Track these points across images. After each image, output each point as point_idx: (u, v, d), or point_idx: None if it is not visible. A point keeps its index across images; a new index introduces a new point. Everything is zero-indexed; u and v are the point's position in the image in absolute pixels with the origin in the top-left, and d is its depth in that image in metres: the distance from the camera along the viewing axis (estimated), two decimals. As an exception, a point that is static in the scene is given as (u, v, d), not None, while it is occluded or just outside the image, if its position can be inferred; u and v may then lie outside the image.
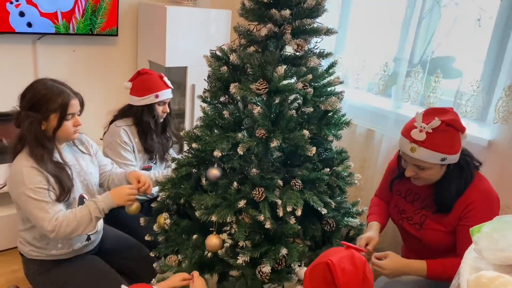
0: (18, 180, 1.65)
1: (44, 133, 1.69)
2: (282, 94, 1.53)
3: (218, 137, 1.60)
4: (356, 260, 1.09)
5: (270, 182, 1.55)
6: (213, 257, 1.61)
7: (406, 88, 2.25)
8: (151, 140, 2.30)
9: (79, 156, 1.89)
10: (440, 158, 1.53)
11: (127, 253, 2.05)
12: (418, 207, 1.71)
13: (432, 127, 1.50)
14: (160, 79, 2.29)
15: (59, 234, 1.67)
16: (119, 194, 1.76)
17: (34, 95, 1.67)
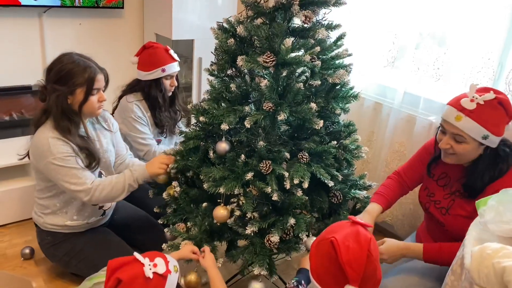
0: (44, 151, 1.67)
1: (70, 107, 1.71)
2: (290, 66, 1.52)
3: (225, 111, 1.60)
4: (361, 237, 1.07)
5: (277, 155, 1.56)
6: (222, 226, 1.64)
7: (415, 60, 2.21)
8: (160, 114, 2.30)
9: (101, 132, 1.91)
10: (482, 135, 1.45)
11: (137, 226, 2.09)
12: (448, 191, 1.66)
13: (485, 99, 1.43)
14: (166, 52, 2.26)
15: (93, 198, 1.71)
16: (152, 163, 1.80)
17: (61, 68, 1.68)
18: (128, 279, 1.11)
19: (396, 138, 2.35)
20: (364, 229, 1.11)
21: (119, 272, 1.12)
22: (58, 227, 1.87)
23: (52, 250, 1.91)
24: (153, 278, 1.13)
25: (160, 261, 1.17)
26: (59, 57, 1.73)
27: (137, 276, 1.12)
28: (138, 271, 1.13)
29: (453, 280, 1.10)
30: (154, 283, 1.13)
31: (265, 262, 1.53)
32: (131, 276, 1.11)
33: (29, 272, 2.03)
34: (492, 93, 1.44)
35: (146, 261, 1.15)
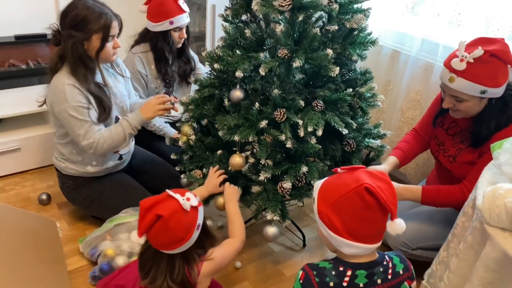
0: (61, 97, 1.70)
1: (86, 53, 1.73)
2: (306, 11, 1.48)
3: (240, 58, 1.59)
4: (377, 174, 1.05)
5: (291, 103, 1.56)
6: (237, 173, 1.68)
7: (435, 5, 2.13)
8: (165, 67, 2.26)
9: (114, 78, 1.93)
10: (479, 91, 1.45)
11: (154, 171, 2.15)
12: (458, 140, 1.68)
13: (474, 56, 1.41)
14: (174, 2, 2.15)
15: (97, 151, 1.78)
16: (146, 108, 1.83)
17: (77, 14, 1.68)
18: (169, 214, 1.18)
19: (413, 86, 2.31)
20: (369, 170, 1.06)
21: (155, 208, 1.19)
22: (78, 173, 1.93)
23: (73, 194, 1.99)
24: (190, 211, 1.21)
25: (191, 195, 1.25)
26: (73, 2, 1.71)
27: (177, 210, 1.20)
28: (176, 205, 1.20)
29: (464, 221, 1.13)
30: (191, 215, 1.22)
31: (278, 208, 1.58)
32: (171, 211, 1.19)
33: (53, 215, 2.12)
34: (480, 49, 1.41)
35: (178, 196, 1.23)
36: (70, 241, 1.95)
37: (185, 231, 1.21)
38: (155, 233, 1.19)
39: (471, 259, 1.03)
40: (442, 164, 1.74)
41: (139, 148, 2.20)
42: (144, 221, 1.19)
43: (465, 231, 1.10)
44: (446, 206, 1.70)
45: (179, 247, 1.22)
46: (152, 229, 1.19)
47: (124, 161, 2.06)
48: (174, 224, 1.19)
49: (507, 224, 0.94)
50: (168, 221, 1.18)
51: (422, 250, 1.72)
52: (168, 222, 1.18)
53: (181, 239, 1.20)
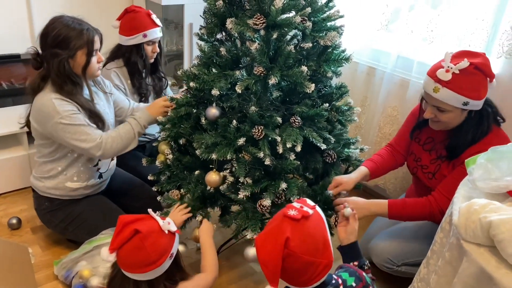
0: (50, 112, 1.67)
1: (72, 70, 1.71)
2: (280, 29, 1.49)
3: (216, 76, 1.58)
4: (279, 235, 1.02)
5: (269, 120, 1.56)
6: (215, 192, 1.65)
7: (408, 23, 2.18)
8: (139, 82, 2.26)
9: (97, 96, 1.90)
10: (462, 102, 1.46)
11: (133, 192, 2.11)
12: (434, 156, 1.68)
13: (460, 68, 1.43)
14: (147, 16, 2.18)
15: (106, 152, 1.74)
16: (154, 107, 1.84)
17: (58, 33, 1.66)
18: (147, 231, 1.17)
19: (389, 102, 2.35)
20: (292, 222, 1.04)
21: (135, 224, 1.17)
22: (57, 192, 1.87)
23: (49, 216, 1.93)
24: (168, 234, 1.21)
25: (171, 221, 1.24)
26: (52, 22, 1.70)
27: (155, 230, 1.19)
28: (156, 226, 1.20)
29: (442, 237, 1.12)
30: (167, 239, 1.21)
31: (258, 227, 1.55)
32: (150, 229, 1.18)
33: (26, 240, 2.05)
34: (466, 61, 1.43)
35: (159, 218, 1.22)
36: (44, 266, 1.89)
37: (159, 254, 1.17)
38: (128, 250, 1.16)
39: (449, 276, 1.03)
40: (421, 180, 1.74)
41: (117, 169, 2.16)
42: (119, 236, 1.16)
43: (443, 247, 1.09)
44: (414, 219, 1.68)
45: (148, 272, 1.17)
46: (127, 245, 1.15)
47: (104, 181, 2.02)
48: (150, 244, 1.16)
49: (482, 239, 0.94)
50: (145, 238, 1.15)
51: (407, 266, 1.71)
52: (144, 239, 1.15)
53: (152, 262, 1.16)
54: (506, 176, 1.01)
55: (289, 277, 1.06)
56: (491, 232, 0.91)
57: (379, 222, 1.99)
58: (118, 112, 2.03)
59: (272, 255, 1.01)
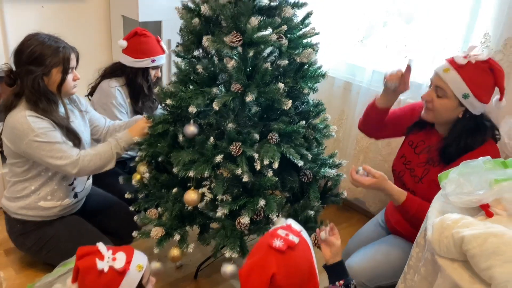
0: (25, 129, 1.63)
1: (47, 87, 1.68)
2: (257, 46, 1.50)
3: (193, 93, 1.58)
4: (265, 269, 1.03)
5: (247, 137, 1.56)
6: (193, 210, 1.64)
7: (383, 38, 2.22)
8: (142, 103, 2.29)
9: (72, 114, 1.87)
10: (463, 93, 1.48)
11: (109, 212, 2.07)
12: (423, 159, 1.69)
13: (478, 58, 1.47)
14: (157, 43, 2.25)
15: (82, 170, 1.70)
16: (135, 129, 1.81)
17: (33, 50, 1.64)
18: (83, 269, 1.11)
19: (366, 116, 2.37)
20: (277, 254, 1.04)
21: (81, 260, 1.13)
22: (29, 213, 1.82)
23: (22, 239, 1.87)
24: (108, 272, 1.11)
25: (121, 256, 1.14)
26: (27, 39, 1.68)
27: (91, 267, 1.11)
28: (93, 263, 1.11)
29: (417, 252, 1.13)
30: (108, 277, 1.11)
31: (236, 245, 1.54)
32: (86, 267, 1.11)
33: (-1, 263, 1.99)
34: (486, 55, 1.47)
35: (107, 253, 1.14)
36: (17, 290, 1.83)
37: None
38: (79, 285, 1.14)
39: (425, 291, 1.03)
40: (406, 184, 1.74)
41: (93, 188, 2.12)
42: (73, 270, 1.14)
43: (419, 262, 1.10)
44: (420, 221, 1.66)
45: None
46: (77, 280, 1.14)
47: (79, 201, 1.97)
48: (89, 281, 1.12)
49: (455, 254, 0.95)
50: (83, 277, 1.12)
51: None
52: (83, 278, 1.12)
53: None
54: (477, 190, 1.03)
55: None
56: (463, 247, 0.92)
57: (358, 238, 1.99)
58: (93, 131, 2.00)
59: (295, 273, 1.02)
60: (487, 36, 1.87)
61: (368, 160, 2.40)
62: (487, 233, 0.90)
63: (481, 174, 1.06)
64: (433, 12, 2.04)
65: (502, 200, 1.04)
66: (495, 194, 1.03)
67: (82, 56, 1.83)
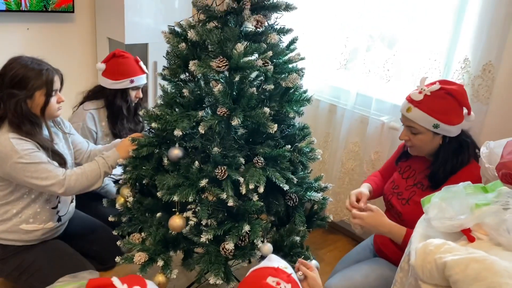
0: (8, 151, 1.61)
1: (30, 110, 1.67)
2: (243, 71, 1.52)
3: (178, 116, 1.58)
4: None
5: (232, 161, 1.56)
6: (177, 235, 1.62)
7: (366, 62, 2.27)
8: (121, 125, 2.27)
9: (55, 136, 1.85)
10: (432, 124, 1.53)
11: (92, 236, 2.04)
12: (410, 183, 1.72)
13: (431, 90, 1.52)
14: (136, 63, 2.25)
15: (68, 190, 1.68)
16: (122, 147, 1.78)
17: (15, 74, 1.63)
18: None
19: (351, 138, 2.41)
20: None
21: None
22: (10, 237, 1.78)
23: (1, 265, 1.82)
24: None
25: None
26: (9, 62, 1.68)
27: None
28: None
29: (401, 277, 1.14)
30: None
31: (221, 271, 1.53)
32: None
33: (-24, 290, 1.92)
34: (437, 84, 1.53)
35: (123, 286, 1.09)
36: (-5, 319, 1.77)
37: None
38: None
39: (410, 316, 1.03)
40: (394, 207, 1.77)
41: (76, 211, 2.09)
42: None
43: (403, 287, 1.11)
44: None
45: None
46: None
47: (62, 225, 1.94)
48: None
49: (438, 280, 0.96)
50: None
51: None
52: None
53: None
54: (459, 215, 1.05)
55: None
56: (446, 272, 0.93)
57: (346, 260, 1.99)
58: (76, 154, 1.98)
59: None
60: (467, 61, 1.92)
61: (354, 182, 2.42)
62: (468, 259, 0.91)
63: (462, 199, 1.07)
64: (415, 38, 2.09)
65: (483, 225, 1.05)
66: (476, 219, 1.05)
67: (67, 78, 1.82)
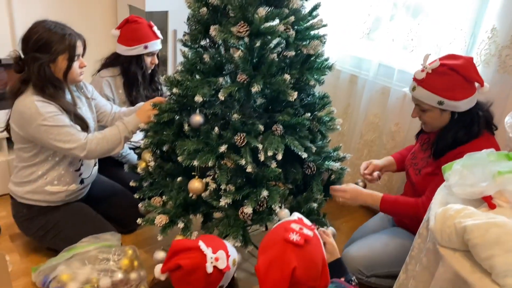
0: (33, 113, 1.65)
1: (53, 75, 1.70)
2: (264, 37, 1.50)
3: (199, 82, 1.59)
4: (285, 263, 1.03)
5: (251, 128, 1.57)
6: (197, 199, 1.65)
7: (389, 31, 2.22)
8: (137, 92, 2.27)
9: (80, 101, 1.89)
10: (437, 101, 1.54)
11: (114, 200, 2.09)
12: (426, 155, 1.74)
13: (432, 67, 1.53)
14: (149, 28, 2.22)
15: (90, 153, 1.72)
16: (143, 112, 1.79)
17: (39, 37, 1.65)
18: (189, 269, 1.13)
19: (371, 109, 2.38)
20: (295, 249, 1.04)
21: (181, 257, 1.15)
22: (35, 197, 1.84)
23: (27, 224, 1.89)
24: (212, 272, 1.15)
25: (222, 255, 1.17)
26: (34, 26, 1.69)
27: (198, 268, 1.14)
28: (200, 263, 1.14)
29: (419, 243, 1.14)
30: (212, 277, 1.16)
31: (239, 234, 1.56)
32: (193, 266, 1.14)
33: (4, 247, 2.01)
34: (437, 61, 1.53)
35: (209, 252, 1.16)
36: (22, 274, 1.85)
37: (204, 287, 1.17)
38: (175, 279, 1.18)
39: (426, 281, 1.04)
40: (410, 177, 1.80)
41: (98, 176, 2.14)
42: (167, 264, 1.17)
43: (421, 252, 1.11)
44: (402, 217, 1.76)
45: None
46: (173, 275, 1.17)
47: (85, 187, 1.99)
48: (194, 280, 1.15)
49: (457, 244, 0.96)
50: (187, 275, 1.15)
51: (377, 278, 1.74)
52: (187, 276, 1.15)
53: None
54: (480, 182, 1.04)
55: None
56: (465, 237, 0.93)
57: (362, 230, 2.01)
58: (99, 117, 2.02)
59: (279, 284, 1.02)
60: (494, 31, 1.86)
61: (372, 154, 2.40)
62: (489, 223, 0.91)
63: (484, 166, 1.06)
64: (440, 6, 2.03)
65: (505, 192, 1.05)
66: (498, 186, 1.04)
67: (88, 45, 1.83)
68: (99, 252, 1.73)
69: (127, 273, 1.71)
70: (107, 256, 1.72)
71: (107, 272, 1.67)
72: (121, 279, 1.68)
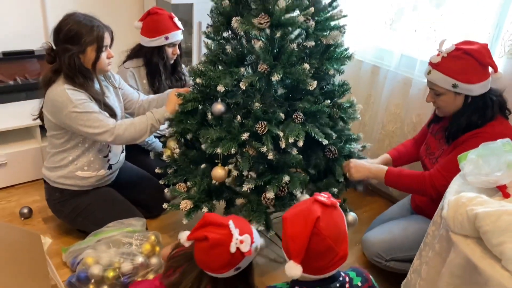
0: (64, 101, 1.74)
1: (83, 65, 1.79)
2: (284, 28, 1.54)
3: (221, 73, 1.64)
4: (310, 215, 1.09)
5: (272, 116, 1.61)
6: (221, 185, 1.71)
7: (412, 22, 2.21)
8: (160, 82, 2.33)
9: (106, 90, 1.97)
10: (451, 84, 1.56)
11: (140, 186, 2.18)
12: (442, 143, 1.75)
13: (447, 51, 1.56)
14: (170, 19, 2.26)
15: (117, 138, 1.81)
16: (169, 102, 1.86)
17: (69, 29, 1.74)
18: (214, 243, 1.18)
19: (393, 100, 2.38)
20: (322, 206, 1.11)
21: (209, 229, 1.19)
22: (67, 182, 1.94)
23: (59, 207, 2.00)
24: (235, 253, 1.19)
25: (247, 240, 1.21)
26: (64, 18, 1.77)
27: (223, 245, 1.18)
28: (226, 241, 1.18)
29: (433, 230, 1.17)
30: (233, 257, 1.19)
31: (262, 219, 1.61)
32: (218, 242, 1.18)
33: (37, 229, 2.12)
34: (452, 45, 1.56)
35: (236, 232, 1.20)
36: (54, 254, 1.95)
37: (221, 266, 1.20)
38: (198, 248, 1.23)
39: (438, 266, 1.07)
40: (426, 166, 1.81)
41: (125, 162, 2.23)
42: (195, 232, 1.22)
43: (434, 239, 1.14)
44: (406, 190, 1.76)
45: (209, 272, 1.23)
46: (197, 244, 1.22)
47: (113, 173, 2.08)
48: (215, 254, 1.19)
49: (469, 231, 0.99)
50: (211, 248, 1.19)
51: (396, 262, 1.76)
52: (210, 249, 1.19)
53: (213, 268, 1.21)
54: (495, 172, 1.05)
55: (308, 259, 1.08)
56: (476, 224, 0.95)
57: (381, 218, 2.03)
58: (127, 105, 2.10)
59: (302, 230, 1.07)
60: (520, 22, 1.84)
61: (393, 144, 2.41)
62: (500, 211, 0.93)
63: (499, 156, 1.07)
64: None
65: (520, 181, 1.06)
66: (513, 175, 1.05)
67: (116, 36, 1.90)
68: (123, 236, 1.81)
69: (148, 258, 1.78)
70: (130, 241, 1.79)
71: (129, 255, 1.74)
72: (142, 262, 1.74)
